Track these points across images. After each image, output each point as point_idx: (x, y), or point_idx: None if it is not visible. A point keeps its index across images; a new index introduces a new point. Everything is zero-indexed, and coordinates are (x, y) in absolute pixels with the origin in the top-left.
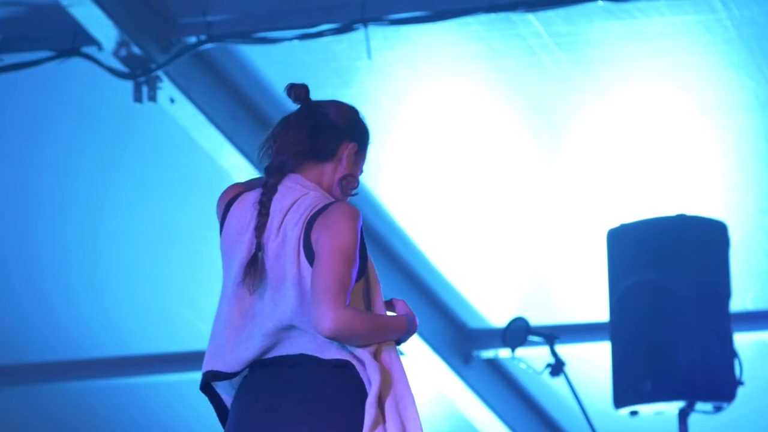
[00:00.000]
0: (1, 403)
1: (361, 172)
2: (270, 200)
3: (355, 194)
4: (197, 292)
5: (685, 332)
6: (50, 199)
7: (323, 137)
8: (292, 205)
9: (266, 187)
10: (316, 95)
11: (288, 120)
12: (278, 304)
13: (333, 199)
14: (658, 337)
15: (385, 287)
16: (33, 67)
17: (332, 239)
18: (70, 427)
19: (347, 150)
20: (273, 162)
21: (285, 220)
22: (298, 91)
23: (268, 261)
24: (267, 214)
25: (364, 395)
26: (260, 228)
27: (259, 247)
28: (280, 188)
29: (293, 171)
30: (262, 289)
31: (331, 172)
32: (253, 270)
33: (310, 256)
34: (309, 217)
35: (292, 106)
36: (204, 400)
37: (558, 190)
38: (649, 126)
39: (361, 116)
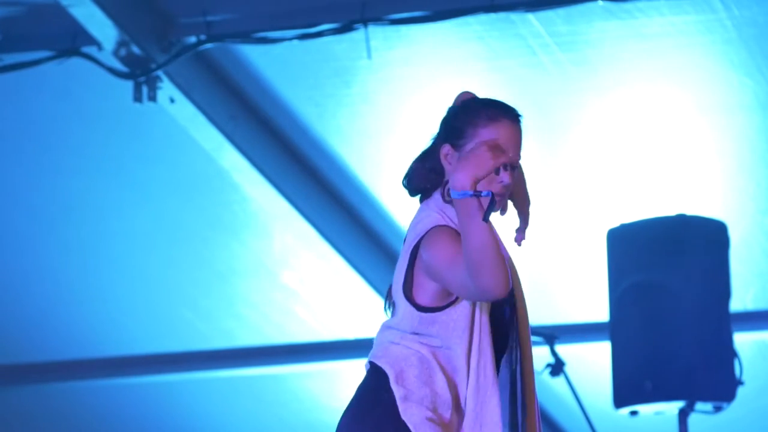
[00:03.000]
0: (2, 402)
1: (492, 167)
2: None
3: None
4: (197, 292)
5: (685, 332)
6: (50, 199)
7: (430, 156)
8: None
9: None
10: (315, 95)
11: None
12: None
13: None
14: (658, 337)
15: (383, 284)
16: (33, 67)
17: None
18: (70, 426)
19: (442, 155)
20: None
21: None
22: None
23: None
24: None
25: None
26: None
27: None
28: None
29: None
30: None
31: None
32: None
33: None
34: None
35: (291, 106)
36: (204, 400)
37: (558, 190)
38: (649, 126)
39: (458, 106)
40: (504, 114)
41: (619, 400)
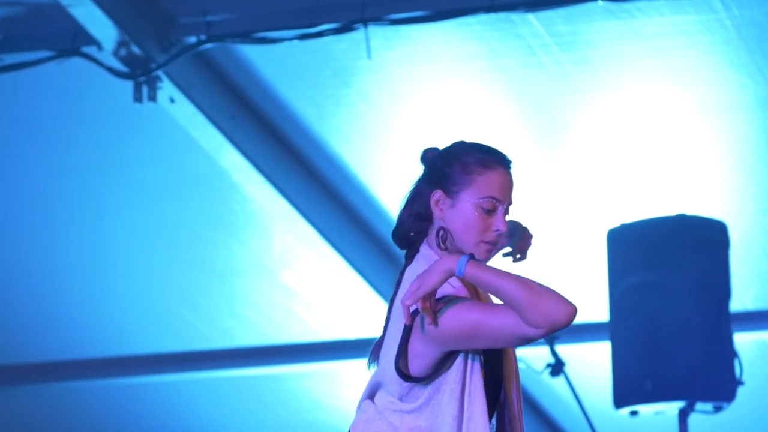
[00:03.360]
0: (1, 402)
1: (484, 207)
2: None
3: (496, 243)
4: (197, 292)
5: (685, 332)
6: (50, 199)
7: (417, 202)
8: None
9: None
10: (315, 95)
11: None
12: None
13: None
14: (658, 337)
15: (385, 286)
16: (32, 67)
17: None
18: (70, 427)
19: (432, 201)
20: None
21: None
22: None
23: None
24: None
25: None
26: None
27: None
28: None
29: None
30: None
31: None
32: None
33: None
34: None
35: (291, 106)
36: (204, 400)
37: (558, 190)
38: (649, 126)
39: (443, 153)
40: (498, 161)
41: (619, 400)
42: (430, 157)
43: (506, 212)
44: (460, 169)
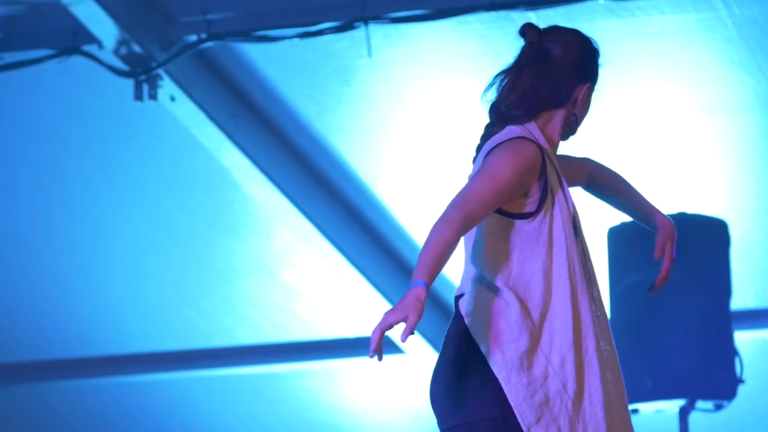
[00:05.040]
0: (1, 401)
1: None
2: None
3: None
4: (198, 291)
5: (685, 331)
6: (51, 198)
7: (555, 85)
8: None
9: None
10: (315, 93)
11: (519, 64)
12: None
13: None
14: (659, 336)
15: (386, 284)
16: (33, 65)
17: (485, 165)
18: (70, 425)
19: (582, 93)
20: (500, 109)
21: None
22: (530, 33)
23: None
24: None
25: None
26: None
27: None
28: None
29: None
30: None
31: (561, 116)
32: None
33: None
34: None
35: (291, 105)
36: (204, 399)
37: None
38: (649, 125)
39: (588, 47)
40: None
41: None
42: (575, 45)
43: None
44: (597, 64)
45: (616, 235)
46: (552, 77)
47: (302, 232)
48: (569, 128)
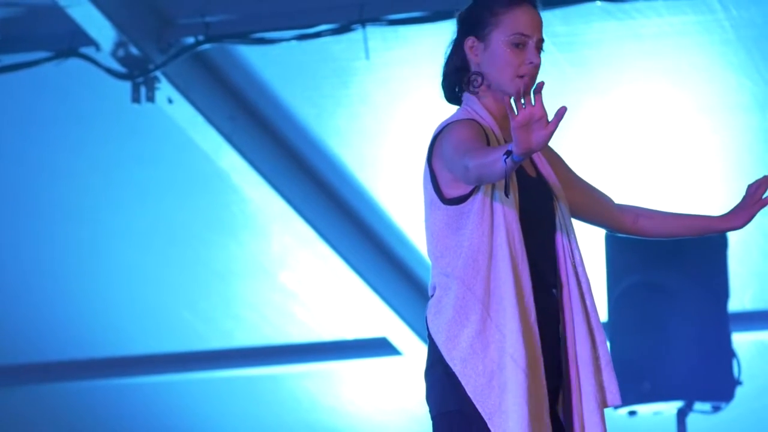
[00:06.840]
0: (1, 403)
1: (514, 43)
2: None
3: (532, 75)
4: (196, 293)
5: (683, 332)
6: (49, 200)
7: (454, 55)
8: None
9: None
10: (313, 95)
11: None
12: None
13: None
14: (657, 337)
15: (383, 287)
16: (31, 67)
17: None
18: (69, 427)
19: (469, 48)
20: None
21: None
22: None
23: None
24: None
25: None
26: None
27: None
28: None
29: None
30: None
31: (478, 81)
32: None
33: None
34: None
35: (289, 107)
36: (202, 400)
37: None
38: (647, 126)
39: (472, 2)
40: None
41: None
42: (461, 13)
43: (538, 47)
44: (487, 12)
45: (613, 237)
46: (451, 52)
47: (300, 235)
48: (496, 89)
